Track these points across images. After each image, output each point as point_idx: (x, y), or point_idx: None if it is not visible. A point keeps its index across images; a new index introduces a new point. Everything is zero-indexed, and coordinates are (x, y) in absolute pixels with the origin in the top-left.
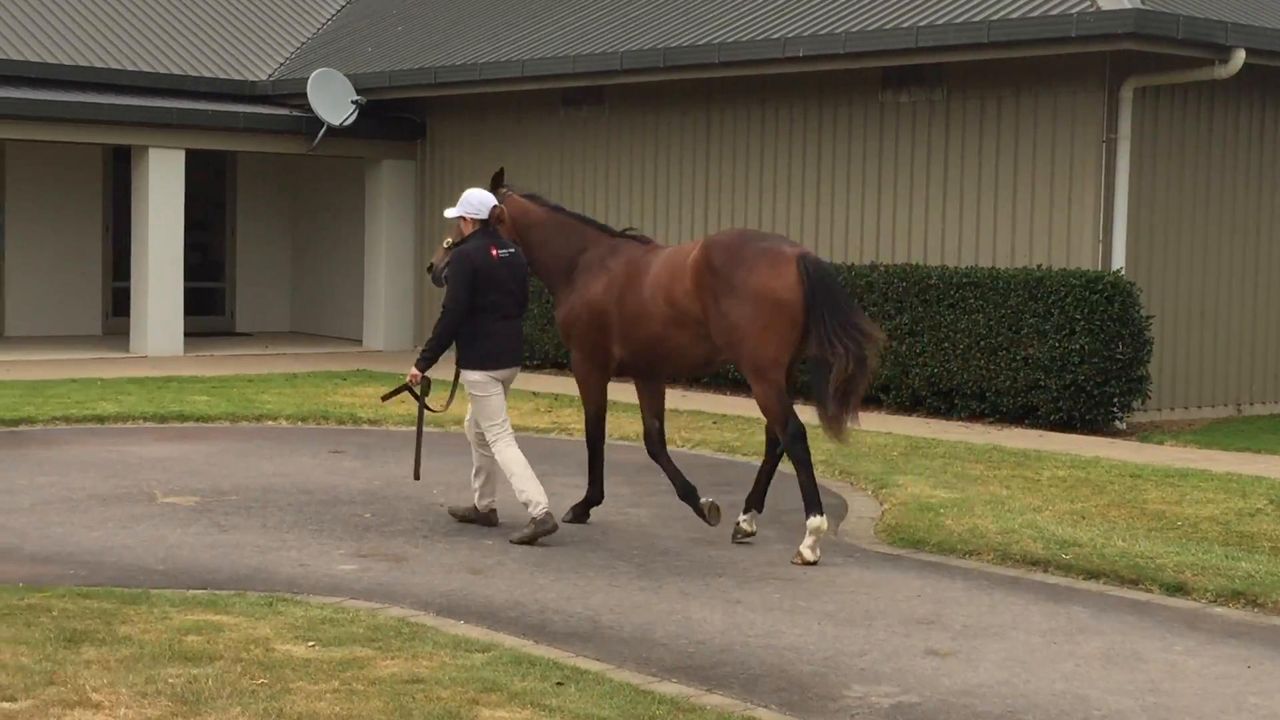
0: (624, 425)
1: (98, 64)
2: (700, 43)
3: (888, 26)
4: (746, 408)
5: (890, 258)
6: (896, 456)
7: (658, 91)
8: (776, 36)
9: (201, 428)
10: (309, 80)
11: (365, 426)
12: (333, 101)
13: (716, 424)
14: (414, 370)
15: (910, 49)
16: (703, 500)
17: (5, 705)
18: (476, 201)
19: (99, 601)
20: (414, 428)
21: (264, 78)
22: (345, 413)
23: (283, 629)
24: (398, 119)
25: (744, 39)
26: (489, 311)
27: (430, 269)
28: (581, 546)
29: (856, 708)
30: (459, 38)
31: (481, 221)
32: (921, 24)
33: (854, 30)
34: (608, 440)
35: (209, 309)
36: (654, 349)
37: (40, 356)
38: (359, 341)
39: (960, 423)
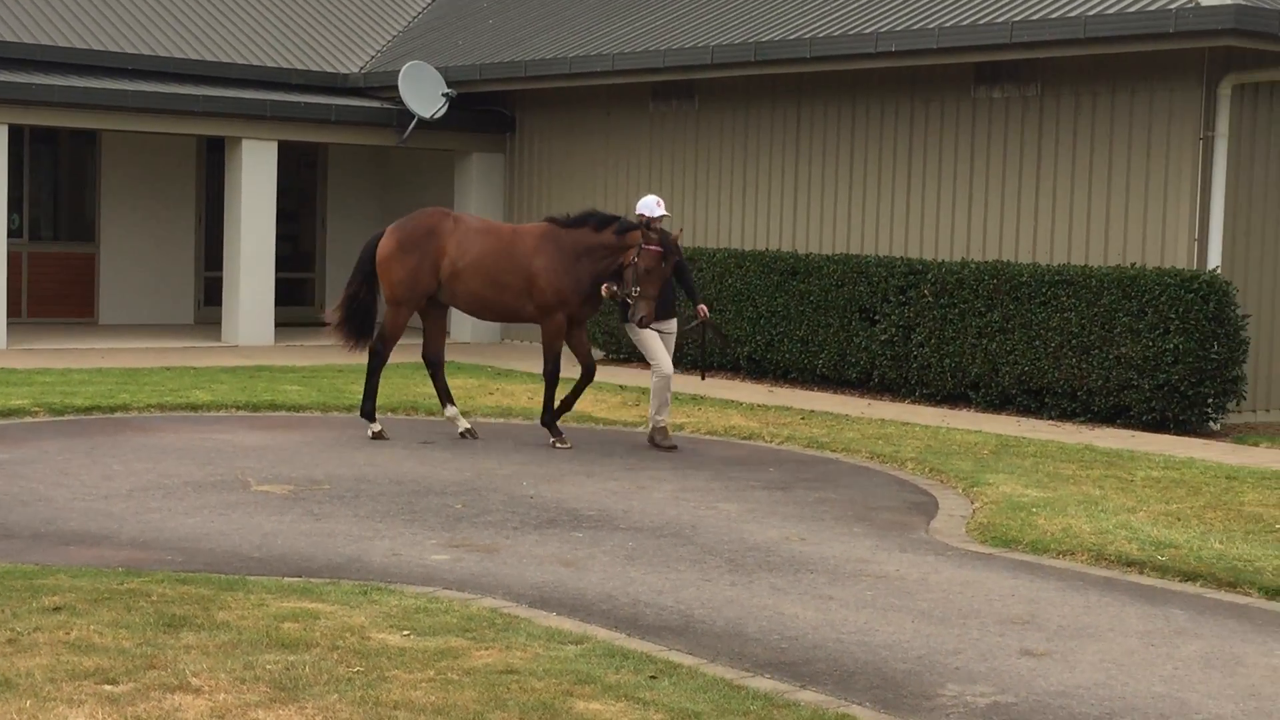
0: (713, 420)
1: (193, 56)
2: (791, 37)
3: (981, 22)
4: (834, 404)
5: (981, 254)
6: (987, 455)
7: (747, 87)
8: (869, 31)
9: (293, 417)
10: (400, 73)
11: None
12: (423, 94)
13: (805, 419)
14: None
15: (1004, 44)
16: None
17: (107, 688)
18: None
19: (197, 587)
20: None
21: (355, 70)
22: (434, 404)
23: (378, 618)
24: (487, 112)
25: (836, 34)
26: None
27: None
28: (672, 540)
29: (952, 707)
30: (549, 32)
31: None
32: (1016, 19)
33: (947, 25)
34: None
35: (299, 299)
36: None
37: (134, 345)
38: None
39: (1051, 422)
